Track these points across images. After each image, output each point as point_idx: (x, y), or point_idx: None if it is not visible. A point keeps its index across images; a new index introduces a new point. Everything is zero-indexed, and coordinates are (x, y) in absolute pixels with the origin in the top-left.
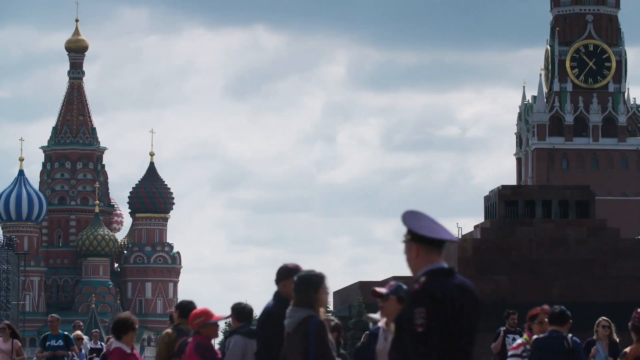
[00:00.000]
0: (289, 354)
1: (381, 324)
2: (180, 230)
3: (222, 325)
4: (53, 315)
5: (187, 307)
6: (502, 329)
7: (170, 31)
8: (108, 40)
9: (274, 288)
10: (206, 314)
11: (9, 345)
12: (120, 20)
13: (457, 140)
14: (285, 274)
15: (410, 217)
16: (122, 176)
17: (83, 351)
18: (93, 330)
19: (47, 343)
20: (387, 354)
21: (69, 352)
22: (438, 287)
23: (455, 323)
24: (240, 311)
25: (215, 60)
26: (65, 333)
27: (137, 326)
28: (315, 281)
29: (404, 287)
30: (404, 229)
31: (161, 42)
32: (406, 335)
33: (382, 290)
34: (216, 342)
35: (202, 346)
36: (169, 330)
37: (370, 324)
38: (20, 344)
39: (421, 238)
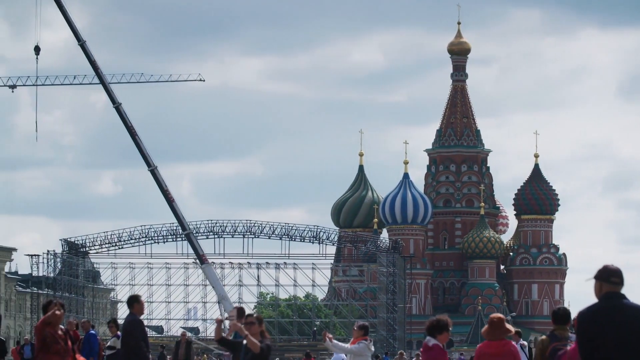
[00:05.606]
0: None
1: None
2: (567, 232)
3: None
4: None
5: (559, 313)
6: None
7: (565, 32)
8: (493, 42)
9: None
10: None
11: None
12: (507, 22)
13: None
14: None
15: None
16: (506, 178)
17: None
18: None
19: None
20: None
21: None
22: None
23: None
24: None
25: (609, 60)
26: None
27: (451, 327)
28: None
29: None
30: None
31: (557, 43)
32: None
33: None
34: None
35: None
36: (544, 336)
37: None
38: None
39: None
